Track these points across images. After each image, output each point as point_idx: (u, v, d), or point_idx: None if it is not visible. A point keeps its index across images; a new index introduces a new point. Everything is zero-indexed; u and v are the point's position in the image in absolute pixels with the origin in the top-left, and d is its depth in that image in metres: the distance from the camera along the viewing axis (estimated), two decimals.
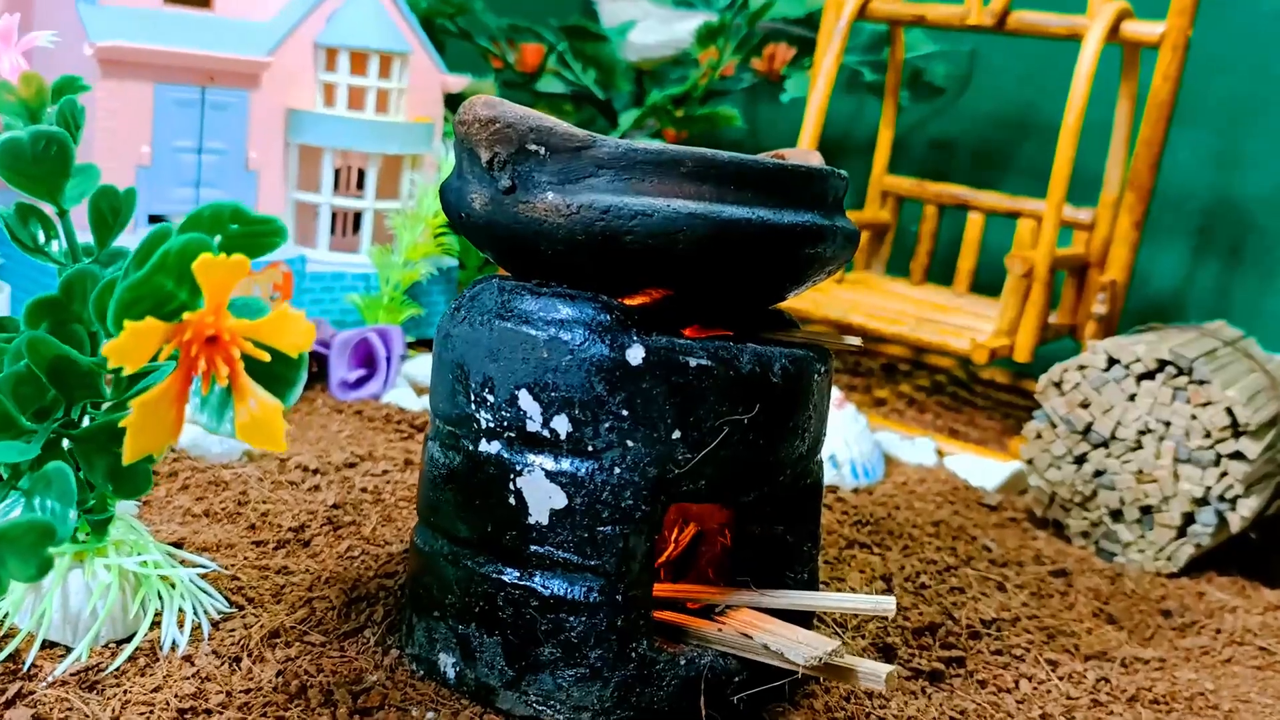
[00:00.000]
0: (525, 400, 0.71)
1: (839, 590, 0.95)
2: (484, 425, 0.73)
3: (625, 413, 0.70)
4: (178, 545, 0.86)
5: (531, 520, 0.71)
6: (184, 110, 1.29)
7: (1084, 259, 1.46)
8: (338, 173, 1.44)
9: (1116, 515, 1.10)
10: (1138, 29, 1.35)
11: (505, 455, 0.72)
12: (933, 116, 1.82)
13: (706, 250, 0.70)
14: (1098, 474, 1.10)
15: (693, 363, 0.70)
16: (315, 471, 1.04)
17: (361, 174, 1.44)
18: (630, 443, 0.70)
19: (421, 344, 1.49)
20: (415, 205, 1.39)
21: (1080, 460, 1.11)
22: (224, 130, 1.32)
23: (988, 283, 1.64)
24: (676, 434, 0.70)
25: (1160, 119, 1.37)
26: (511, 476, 0.71)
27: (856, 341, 0.83)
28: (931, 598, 0.95)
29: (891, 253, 1.67)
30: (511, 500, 0.72)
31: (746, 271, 0.73)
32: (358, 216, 1.44)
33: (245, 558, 0.87)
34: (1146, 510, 1.08)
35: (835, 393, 1.27)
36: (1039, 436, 1.14)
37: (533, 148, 0.70)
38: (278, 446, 0.55)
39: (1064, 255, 1.41)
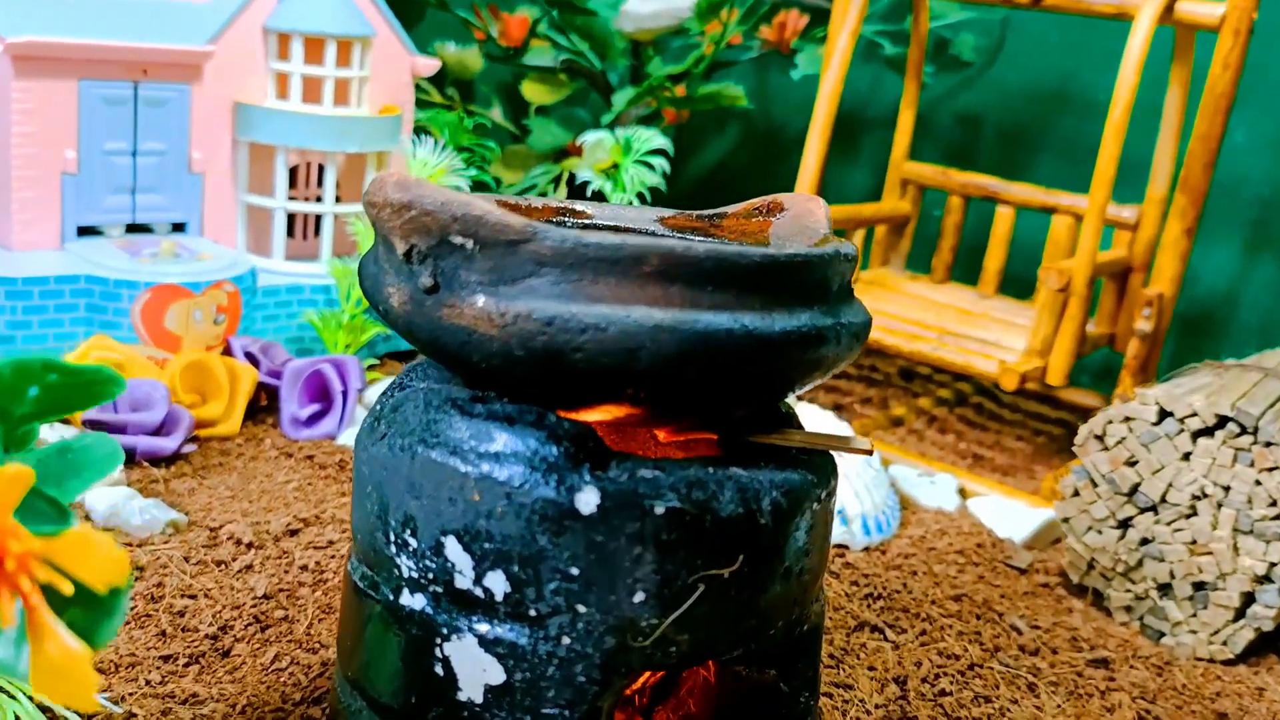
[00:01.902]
0: (453, 550, 0.58)
1: (845, 696, 0.82)
2: (405, 574, 0.60)
3: (575, 571, 0.56)
4: None
5: (462, 696, 0.58)
6: (114, 109, 1.15)
7: (1126, 262, 1.31)
8: (295, 170, 1.30)
9: (1165, 590, 0.96)
10: (1195, 10, 1.18)
11: (430, 614, 0.59)
12: (959, 89, 1.65)
13: (676, 368, 0.56)
14: (1144, 542, 0.97)
15: (659, 508, 0.57)
16: (249, 546, 0.91)
17: (322, 169, 1.29)
18: (582, 607, 0.57)
19: (391, 358, 1.35)
20: None
21: (1124, 525, 0.98)
22: (162, 129, 1.18)
23: (1017, 278, 1.49)
24: (639, 596, 0.57)
25: (1218, 111, 1.21)
26: (438, 641, 0.58)
27: (866, 445, 0.69)
28: (953, 709, 0.82)
29: (912, 245, 1.52)
30: (439, 669, 0.59)
31: (727, 388, 0.59)
32: (319, 218, 1.30)
33: (148, 681, 0.74)
34: (1200, 586, 0.95)
35: (846, 430, 1.13)
36: (1076, 494, 1.00)
37: (458, 240, 0.56)
38: (86, 705, 0.42)
39: (1104, 260, 1.26)
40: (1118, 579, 0.98)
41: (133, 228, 1.20)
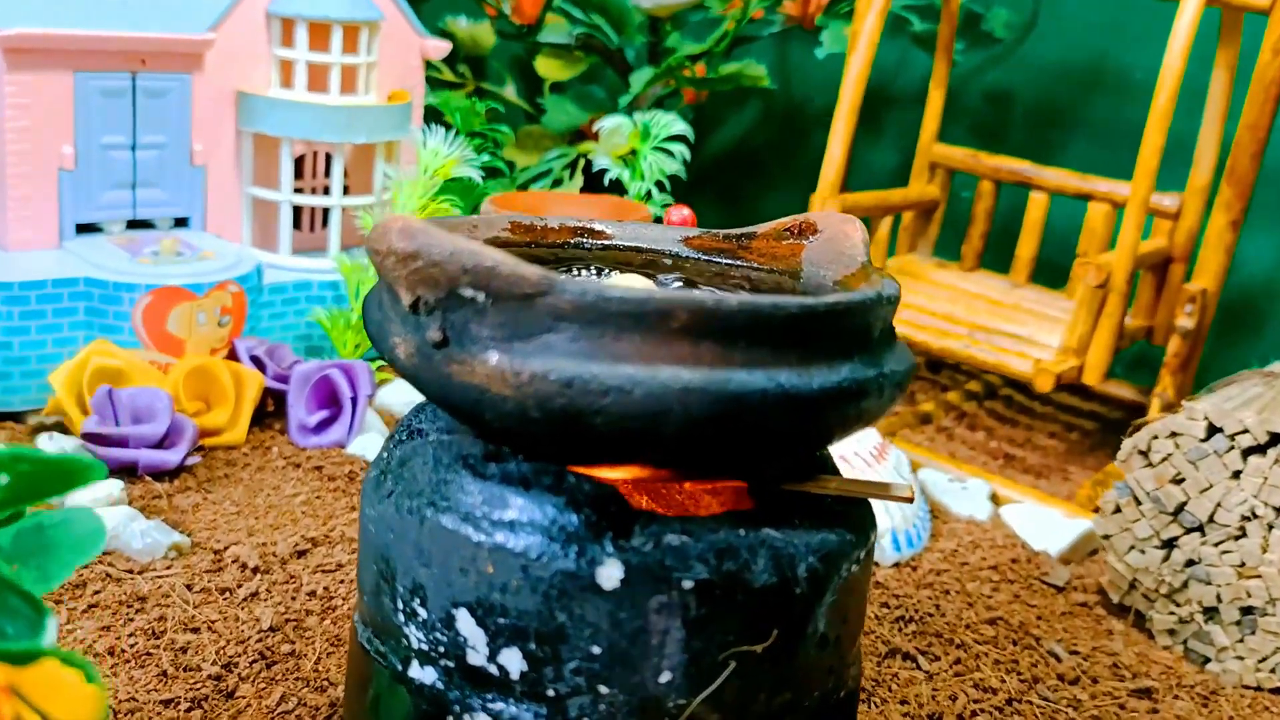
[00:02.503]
0: (466, 623, 0.54)
1: None
2: (415, 645, 0.56)
3: (597, 649, 0.52)
4: None
5: None
6: (112, 101, 1.10)
7: (1166, 253, 1.26)
8: (301, 159, 1.25)
9: (1211, 614, 0.92)
10: None
11: (442, 689, 0.55)
12: (989, 66, 1.59)
13: (706, 432, 0.52)
14: (1190, 563, 0.92)
15: (687, 582, 0.53)
16: (255, 570, 0.88)
17: (330, 159, 1.24)
18: (604, 688, 0.53)
19: None
20: (389, 205, 1.20)
21: (1169, 545, 0.93)
22: (162, 121, 1.13)
23: (1050, 264, 1.43)
24: (666, 675, 0.53)
25: (1268, 100, 1.15)
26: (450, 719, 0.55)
27: (907, 493, 0.65)
28: None
29: (940, 231, 1.46)
30: None
31: (760, 448, 0.54)
32: (326, 210, 1.25)
33: None
34: (1248, 611, 0.91)
35: (874, 439, 1.08)
36: (1118, 510, 0.96)
37: (468, 294, 0.52)
38: None
39: (1143, 251, 1.20)
40: (1161, 601, 0.94)
41: (134, 223, 1.16)
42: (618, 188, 1.39)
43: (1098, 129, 1.52)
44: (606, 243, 0.73)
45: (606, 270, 0.72)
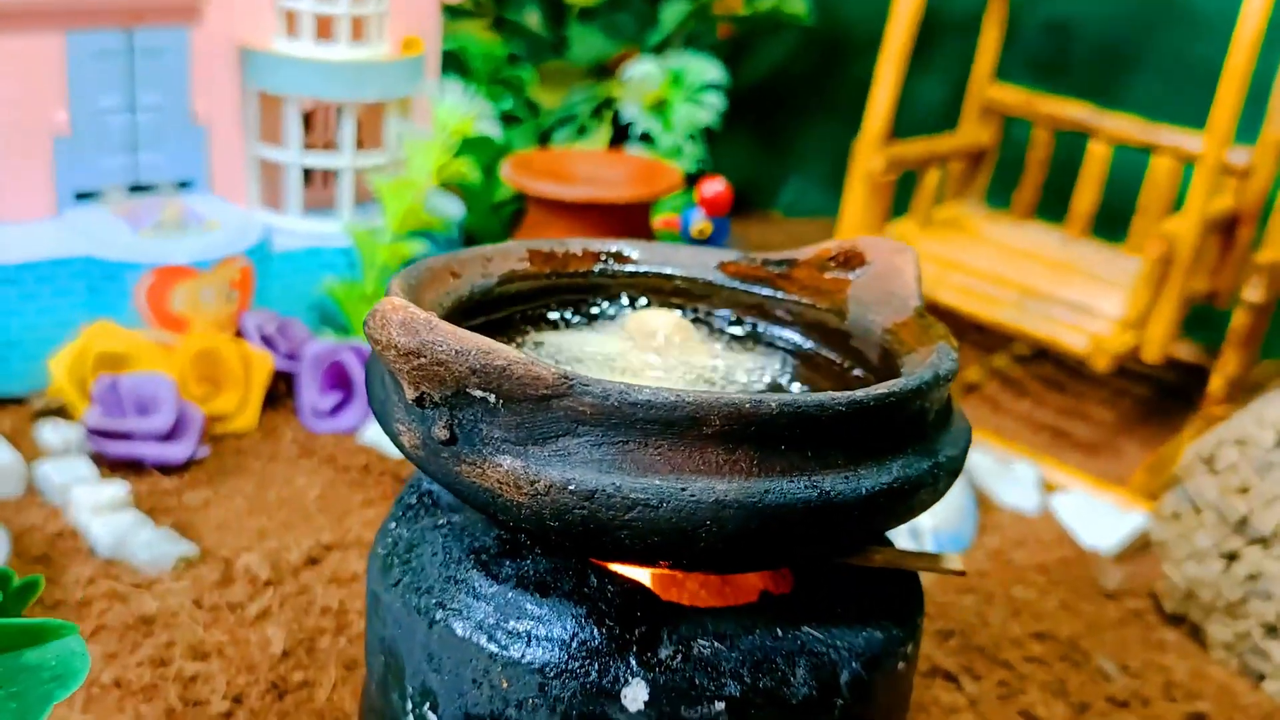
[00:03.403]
0: None
1: None
2: None
3: None
4: None
5: None
6: (106, 62, 1.03)
7: (1234, 213, 1.18)
8: (311, 114, 1.18)
9: (1271, 631, 0.87)
10: None
11: None
12: None
13: (741, 545, 0.46)
14: (1251, 578, 0.87)
15: (720, 703, 0.48)
16: (266, 583, 0.84)
17: (340, 113, 1.17)
18: None
19: None
20: (403, 167, 1.13)
21: (1230, 558, 0.88)
22: (160, 80, 1.06)
23: (1109, 214, 1.35)
24: None
25: None
26: None
27: (958, 565, 0.60)
28: None
29: (992, 177, 1.38)
30: None
31: (803, 552, 0.49)
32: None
33: None
34: None
35: None
36: (1176, 517, 0.90)
37: (478, 394, 0.46)
38: None
39: (1209, 213, 1.12)
40: (1218, 614, 0.89)
41: (137, 187, 1.10)
42: (647, 142, 1.31)
43: (1166, 67, 1.42)
44: (634, 268, 0.67)
45: (633, 302, 0.66)
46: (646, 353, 0.61)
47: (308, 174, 1.18)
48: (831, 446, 0.47)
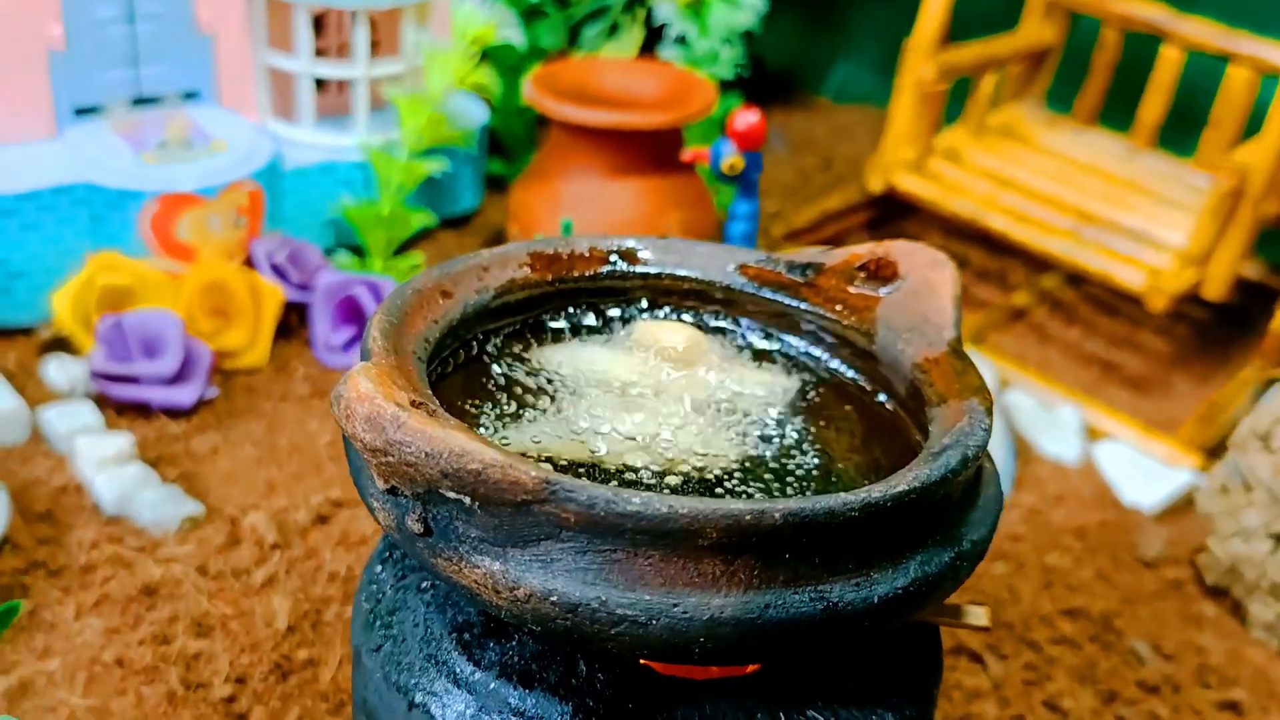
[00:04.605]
0: None
1: None
2: None
3: None
4: None
5: None
6: None
7: None
8: (321, 18, 1.10)
9: None
10: None
11: None
12: None
13: (738, 658, 0.43)
14: None
15: None
16: (274, 547, 0.82)
17: (354, 19, 1.10)
18: None
19: (446, 225, 1.20)
20: (421, 77, 1.06)
21: (1278, 539, 0.83)
22: None
23: (1179, 121, 1.26)
24: None
25: None
26: None
27: (983, 620, 0.56)
28: None
29: (1054, 79, 1.28)
30: None
31: (809, 657, 0.45)
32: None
33: None
34: None
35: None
36: (1225, 491, 0.86)
37: (452, 496, 0.42)
38: None
39: None
40: (1261, 594, 0.85)
41: (141, 100, 1.04)
42: (683, 44, 1.23)
43: None
44: (646, 269, 0.61)
45: (650, 308, 0.61)
46: (655, 373, 0.57)
47: (321, 81, 1.11)
48: (842, 552, 0.43)
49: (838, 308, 0.59)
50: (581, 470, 0.49)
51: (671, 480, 0.49)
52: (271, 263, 0.99)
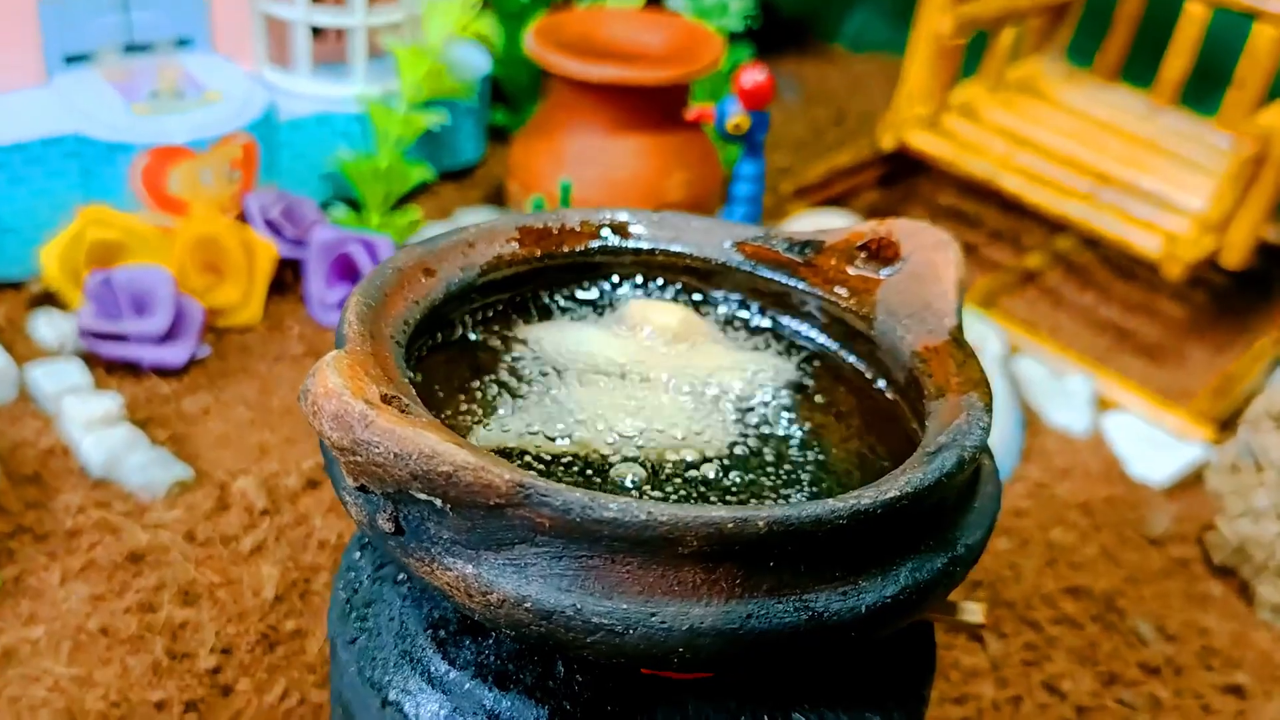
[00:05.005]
0: None
1: None
2: None
3: None
4: None
5: None
6: None
7: None
8: None
9: None
10: None
11: None
12: None
13: (718, 668, 0.41)
14: None
15: None
16: (263, 513, 0.81)
17: None
18: None
19: (447, 178, 1.17)
20: (420, 30, 1.03)
21: None
22: None
23: (1202, 78, 1.22)
24: None
25: None
26: None
27: (978, 617, 0.54)
28: None
29: (1075, 32, 1.24)
30: None
31: (794, 668, 0.44)
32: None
33: None
34: None
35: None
36: (1235, 470, 0.84)
37: (422, 497, 0.40)
38: None
39: None
40: (1269, 575, 0.83)
41: (133, 47, 1.01)
42: None
43: None
44: (638, 244, 0.59)
45: (643, 284, 0.59)
46: (646, 355, 0.55)
47: (317, 29, 1.08)
48: (829, 560, 0.41)
49: (836, 289, 0.56)
50: (566, 461, 0.47)
51: (662, 471, 0.47)
52: (265, 218, 0.97)
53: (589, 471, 0.47)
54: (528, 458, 0.48)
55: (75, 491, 0.80)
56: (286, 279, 1.00)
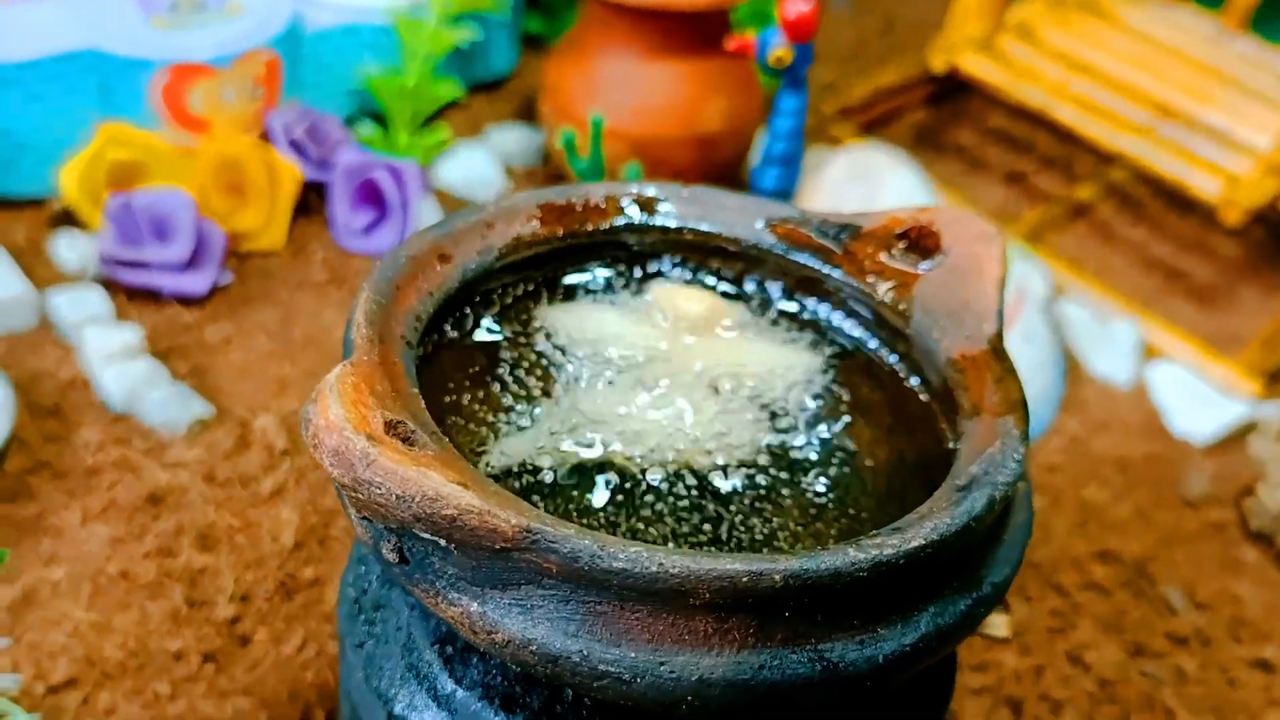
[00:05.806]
0: None
1: None
2: None
3: None
4: (66, 685, 0.66)
5: None
6: None
7: None
8: None
9: None
10: None
11: None
12: None
13: (731, 716, 0.40)
14: None
15: None
16: (283, 453, 0.80)
17: None
18: None
19: (478, 90, 1.13)
20: None
21: None
22: None
23: (1275, 4, 1.15)
24: None
25: None
26: None
27: (1002, 631, 0.53)
28: None
29: None
30: None
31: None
32: None
33: (155, 692, 0.67)
34: None
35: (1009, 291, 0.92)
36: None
37: (426, 536, 0.39)
38: None
39: None
40: None
41: None
42: None
43: None
44: (666, 221, 0.56)
45: (663, 271, 0.56)
46: (671, 345, 0.53)
47: None
48: (847, 609, 0.39)
49: (871, 279, 0.53)
50: (583, 471, 0.46)
51: (683, 480, 0.46)
52: (290, 138, 0.94)
53: (607, 485, 0.46)
54: (543, 469, 0.46)
55: (95, 427, 0.80)
56: (311, 202, 0.97)
